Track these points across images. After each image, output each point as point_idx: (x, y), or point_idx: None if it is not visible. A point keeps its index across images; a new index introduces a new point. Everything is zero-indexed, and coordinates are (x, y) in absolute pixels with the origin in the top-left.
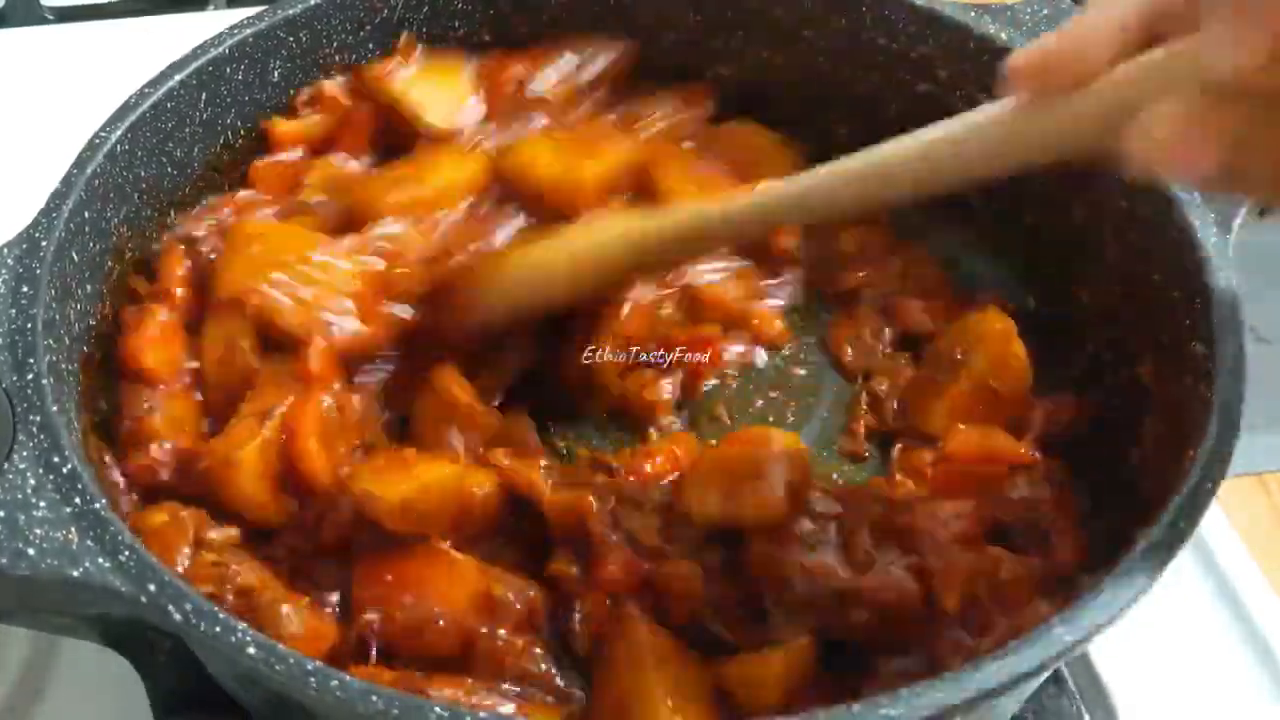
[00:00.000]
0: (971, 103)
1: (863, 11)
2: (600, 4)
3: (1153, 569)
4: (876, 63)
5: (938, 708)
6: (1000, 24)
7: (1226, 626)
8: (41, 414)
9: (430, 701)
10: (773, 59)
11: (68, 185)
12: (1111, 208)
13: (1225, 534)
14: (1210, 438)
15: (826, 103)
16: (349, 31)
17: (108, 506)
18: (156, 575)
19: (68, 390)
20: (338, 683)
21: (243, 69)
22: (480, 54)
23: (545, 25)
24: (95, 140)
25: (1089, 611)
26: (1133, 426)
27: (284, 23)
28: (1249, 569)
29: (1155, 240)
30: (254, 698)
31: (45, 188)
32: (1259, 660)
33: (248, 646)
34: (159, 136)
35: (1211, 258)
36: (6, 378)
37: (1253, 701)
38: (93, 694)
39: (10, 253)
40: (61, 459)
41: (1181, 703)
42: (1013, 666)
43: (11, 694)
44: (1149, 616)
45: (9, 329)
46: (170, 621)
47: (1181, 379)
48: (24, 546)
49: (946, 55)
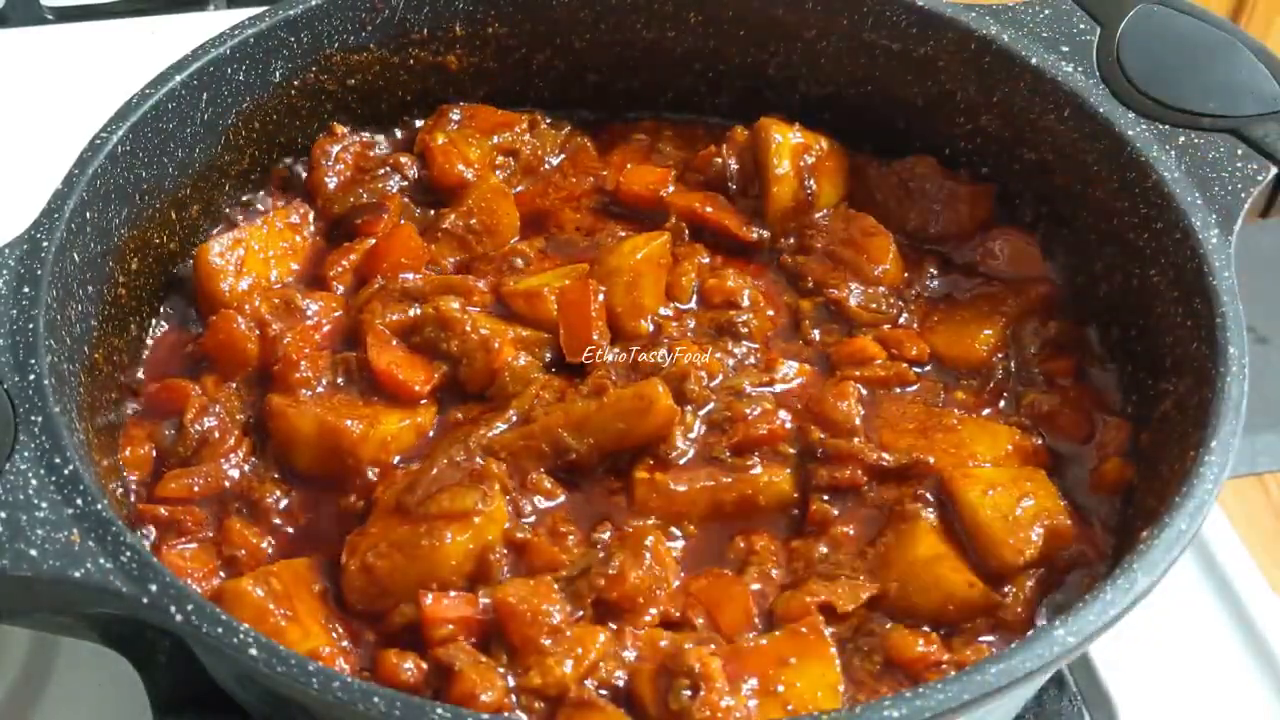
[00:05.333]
0: (972, 103)
1: (864, 12)
2: (601, 4)
3: (1154, 570)
4: (878, 63)
5: (939, 708)
6: (1000, 24)
7: (1226, 627)
8: (43, 415)
9: (431, 702)
10: (773, 59)
11: (69, 186)
12: (1112, 208)
13: (1225, 534)
14: (1210, 438)
15: (827, 103)
16: (350, 31)
17: (109, 507)
18: (157, 576)
19: (69, 391)
20: (339, 683)
21: (244, 69)
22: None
23: (546, 25)
24: (97, 141)
25: (1089, 612)
26: (1134, 427)
27: (284, 23)
28: (1249, 569)
29: (1155, 240)
30: (254, 697)
31: (46, 188)
32: (1259, 660)
33: (249, 647)
34: (160, 137)
35: (1211, 258)
36: (8, 378)
37: (1253, 701)
38: (93, 694)
39: (11, 253)
40: (63, 460)
41: (1181, 703)
42: (1013, 667)
43: (11, 694)
44: (1149, 617)
45: (10, 329)
46: (171, 622)
47: (1181, 379)
48: (25, 547)
49: (948, 55)
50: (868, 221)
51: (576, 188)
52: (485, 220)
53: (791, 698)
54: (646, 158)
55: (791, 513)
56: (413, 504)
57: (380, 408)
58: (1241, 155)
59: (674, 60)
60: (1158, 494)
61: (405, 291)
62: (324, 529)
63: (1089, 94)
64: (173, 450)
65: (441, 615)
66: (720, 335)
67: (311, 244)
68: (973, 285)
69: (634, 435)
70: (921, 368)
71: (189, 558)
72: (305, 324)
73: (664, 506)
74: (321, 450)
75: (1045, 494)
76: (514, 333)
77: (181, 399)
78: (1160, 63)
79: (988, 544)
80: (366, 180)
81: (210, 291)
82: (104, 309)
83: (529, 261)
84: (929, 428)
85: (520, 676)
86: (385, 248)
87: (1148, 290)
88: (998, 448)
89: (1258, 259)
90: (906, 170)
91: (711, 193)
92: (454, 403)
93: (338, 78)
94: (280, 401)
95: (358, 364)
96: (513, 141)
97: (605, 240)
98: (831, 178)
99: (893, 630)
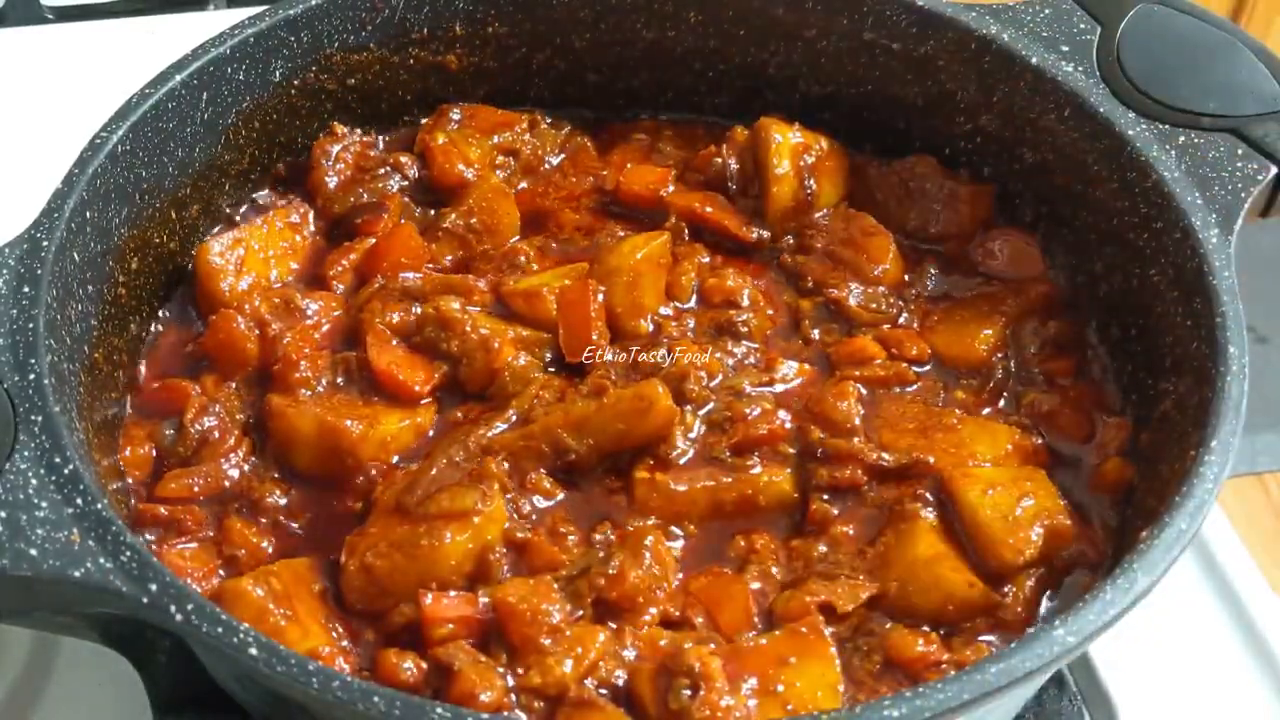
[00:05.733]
0: (972, 103)
1: (864, 12)
2: (601, 3)
3: (1154, 570)
4: (878, 63)
5: (939, 707)
6: (1001, 24)
7: (1226, 627)
8: (43, 414)
9: (431, 702)
10: (773, 59)
11: (69, 185)
12: (1112, 208)
13: (1225, 534)
14: (1210, 438)
15: (827, 103)
16: (350, 31)
17: (109, 507)
18: (158, 576)
19: (69, 391)
20: (339, 683)
21: (244, 69)
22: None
23: (546, 25)
24: (97, 140)
25: (1089, 612)
26: (1134, 427)
27: (284, 23)
28: (1249, 569)
29: (1155, 240)
30: (254, 697)
31: (46, 188)
32: (1259, 660)
33: (249, 647)
34: (160, 136)
35: (1211, 257)
36: (8, 378)
37: (1253, 701)
38: (93, 694)
39: (11, 253)
40: (63, 459)
41: (1181, 703)
42: (1013, 667)
43: (11, 694)
44: (1149, 617)
45: (10, 329)
46: (171, 621)
47: (1181, 379)
48: (25, 547)
49: (948, 55)
50: (868, 221)
51: (576, 187)
52: (486, 220)
53: (791, 697)
54: (646, 157)
55: (791, 512)
56: (412, 504)
57: (380, 408)
58: (1241, 155)
59: (674, 60)
60: (1158, 494)
61: (405, 291)
62: (324, 529)
63: (1089, 94)
64: (173, 450)
65: (441, 615)
66: (720, 335)
67: (311, 243)
68: (973, 285)
69: (634, 435)
70: (921, 367)
71: (189, 557)
72: (305, 324)
73: (664, 506)
74: (321, 450)
75: (1045, 494)
76: (514, 332)
77: (181, 399)
78: (1160, 62)
79: (987, 544)
80: (366, 180)
81: (210, 291)
82: (104, 308)
83: (529, 261)
84: (929, 427)
85: (520, 676)
86: (385, 247)
87: (1148, 290)
88: (998, 447)
89: (1258, 259)
90: (906, 170)
91: (711, 192)
92: (454, 403)
93: (338, 77)
94: (280, 401)
95: (358, 364)
96: (513, 141)
97: (605, 240)
98: (831, 177)
99: (892, 630)
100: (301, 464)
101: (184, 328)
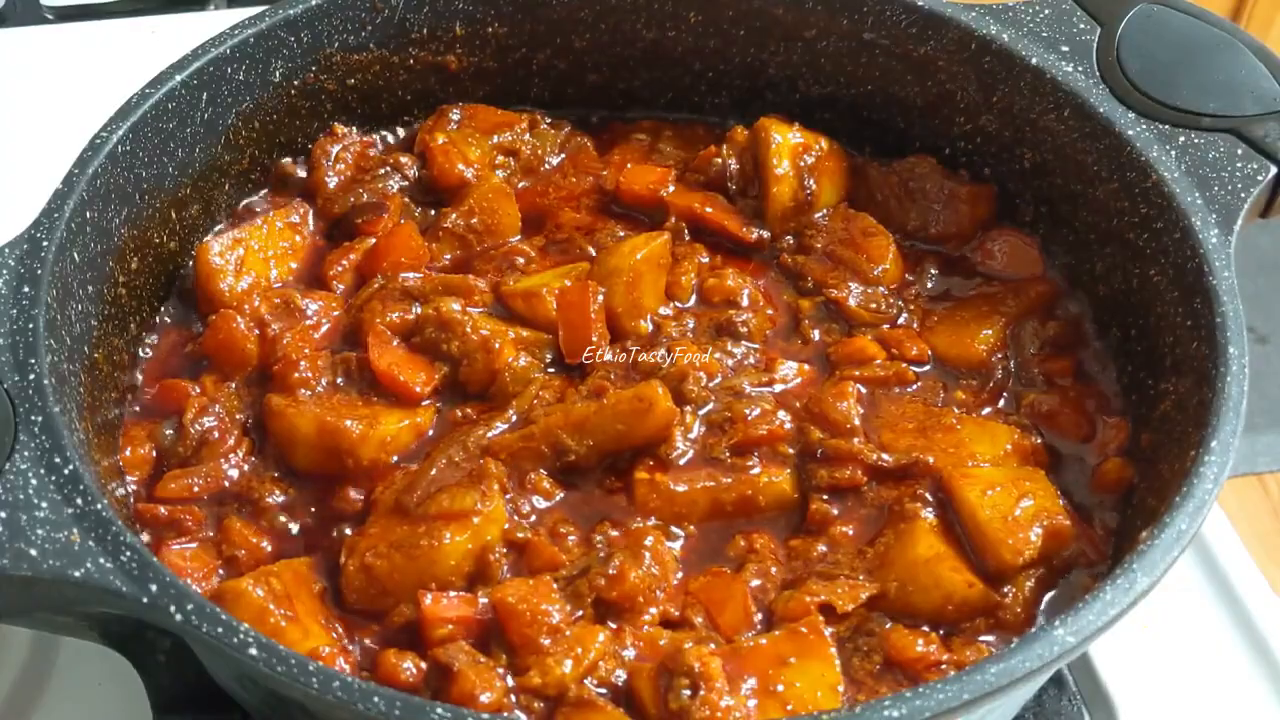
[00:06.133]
0: (972, 103)
1: (864, 12)
2: (601, 4)
3: (1154, 570)
4: (878, 63)
5: (939, 708)
6: (1001, 24)
7: (1226, 627)
8: (43, 415)
9: (431, 702)
10: (773, 59)
11: (69, 185)
12: (1112, 208)
13: (1225, 534)
14: (1210, 438)
15: (827, 103)
16: (350, 31)
17: (109, 507)
18: (158, 576)
19: (69, 391)
20: (339, 683)
21: (244, 69)
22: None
23: (546, 25)
24: (97, 140)
25: (1089, 612)
26: (1134, 427)
27: (284, 23)
28: (1249, 569)
29: (1155, 240)
30: (254, 697)
31: (46, 188)
32: (1259, 660)
33: (249, 647)
34: (160, 136)
35: (1211, 258)
36: (8, 378)
37: (1253, 701)
38: (93, 694)
39: (11, 253)
40: (63, 460)
41: (1181, 703)
42: (1013, 667)
43: (11, 694)
44: (1149, 617)
45: (10, 329)
46: (171, 622)
47: (1181, 379)
48: (25, 547)
49: (948, 55)
50: (867, 221)
51: (576, 187)
52: (487, 220)
53: (791, 697)
54: (646, 157)
55: (791, 512)
56: (412, 504)
57: (380, 408)
58: (1241, 155)
59: (674, 60)
60: (1158, 494)
61: (405, 291)
62: (324, 529)
63: (1089, 94)
64: (172, 450)
65: (441, 615)
66: (720, 335)
67: (311, 244)
68: (972, 285)
69: (633, 436)
70: (921, 368)
71: (189, 558)
72: (305, 324)
73: (664, 506)
74: (321, 450)
75: (1045, 494)
76: (514, 333)
77: (181, 399)
78: (1160, 63)
79: (987, 544)
80: (366, 180)
81: (210, 291)
82: (104, 308)
83: (529, 261)
84: (928, 427)
85: (520, 676)
86: (385, 247)
87: (1148, 290)
88: (997, 447)
89: (1258, 259)
90: (906, 170)
91: (711, 192)
92: (454, 403)
93: (338, 78)
94: (280, 401)
95: (358, 364)
96: (513, 141)
97: (605, 240)
98: (831, 178)
99: (892, 630)
100: (301, 464)
101: (184, 328)
